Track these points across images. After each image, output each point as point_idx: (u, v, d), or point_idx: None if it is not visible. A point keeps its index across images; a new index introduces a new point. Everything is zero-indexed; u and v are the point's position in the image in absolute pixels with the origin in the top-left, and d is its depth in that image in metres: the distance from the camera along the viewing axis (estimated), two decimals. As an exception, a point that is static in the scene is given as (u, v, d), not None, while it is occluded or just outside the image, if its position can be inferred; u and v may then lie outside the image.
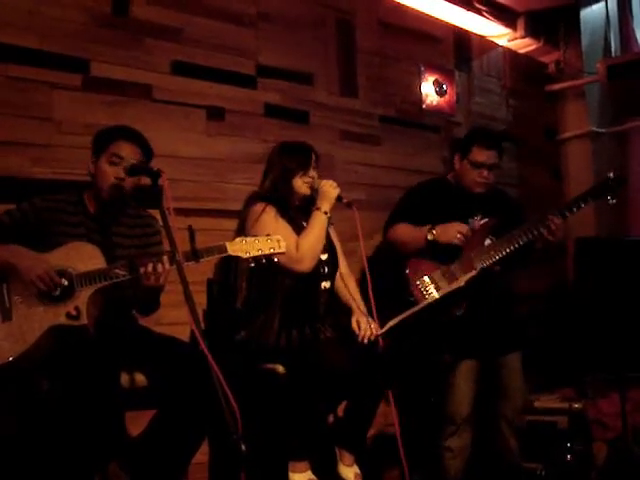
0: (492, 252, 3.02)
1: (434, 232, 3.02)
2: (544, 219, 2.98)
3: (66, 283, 2.24)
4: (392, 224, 3.23)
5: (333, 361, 2.45)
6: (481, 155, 3.13)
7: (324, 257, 2.77)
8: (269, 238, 2.37)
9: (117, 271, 2.27)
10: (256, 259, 2.35)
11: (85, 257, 2.30)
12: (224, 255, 2.35)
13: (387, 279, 3.04)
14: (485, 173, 3.14)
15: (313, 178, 2.78)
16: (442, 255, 3.05)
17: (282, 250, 2.38)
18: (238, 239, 2.36)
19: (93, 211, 2.49)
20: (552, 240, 2.99)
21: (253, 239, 2.36)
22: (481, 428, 3.27)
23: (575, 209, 3.02)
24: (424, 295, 3.01)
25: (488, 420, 3.28)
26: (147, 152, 2.50)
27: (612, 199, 3.03)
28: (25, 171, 2.73)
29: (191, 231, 2.23)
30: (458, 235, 2.99)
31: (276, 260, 2.41)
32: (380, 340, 2.60)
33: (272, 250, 2.36)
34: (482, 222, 3.16)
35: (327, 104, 3.82)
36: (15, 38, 2.75)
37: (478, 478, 3.33)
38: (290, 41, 3.68)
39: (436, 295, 2.99)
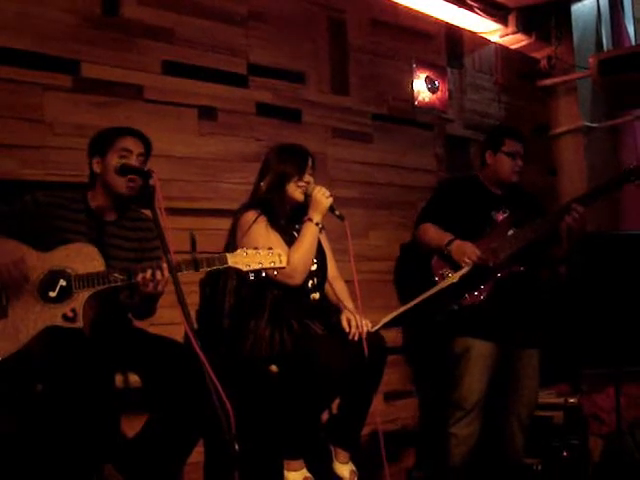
0: (513, 241, 3.15)
1: (449, 248, 3.15)
2: (568, 208, 3.10)
3: (64, 284, 2.24)
4: (422, 221, 3.38)
5: (326, 358, 2.44)
6: (514, 145, 3.31)
7: (313, 268, 2.75)
8: (270, 252, 2.34)
9: (116, 275, 2.26)
10: (256, 272, 2.34)
11: (85, 258, 2.30)
12: (224, 267, 2.32)
13: (413, 267, 3.32)
14: (520, 162, 3.31)
15: (308, 183, 2.75)
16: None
17: (282, 265, 2.35)
18: (239, 250, 2.33)
19: (95, 211, 2.48)
20: (575, 228, 3.06)
21: (254, 252, 2.33)
22: (488, 419, 3.26)
23: (596, 198, 3.16)
24: (443, 277, 3.14)
25: (498, 413, 3.29)
26: (148, 146, 2.54)
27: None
28: (16, 173, 2.72)
29: (192, 238, 2.20)
30: (466, 258, 3.08)
31: (275, 274, 2.40)
32: (365, 343, 2.59)
33: (272, 264, 2.33)
34: (504, 216, 3.28)
35: (319, 102, 3.81)
36: (5, 40, 2.74)
37: (477, 469, 3.32)
38: (281, 39, 3.67)
39: (454, 278, 3.03)
